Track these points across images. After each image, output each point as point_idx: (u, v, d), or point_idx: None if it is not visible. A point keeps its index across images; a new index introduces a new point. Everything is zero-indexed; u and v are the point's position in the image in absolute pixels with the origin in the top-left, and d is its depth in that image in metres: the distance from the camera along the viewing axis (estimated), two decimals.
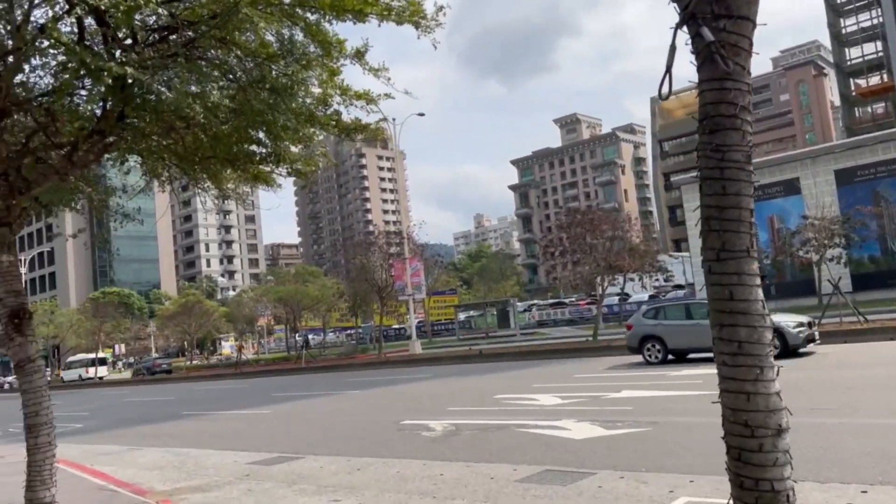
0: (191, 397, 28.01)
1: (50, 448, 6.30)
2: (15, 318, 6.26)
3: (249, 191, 9.92)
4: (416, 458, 9.89)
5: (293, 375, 35.67)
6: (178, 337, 70.03)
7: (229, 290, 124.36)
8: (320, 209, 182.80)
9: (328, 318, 63.71)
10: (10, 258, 6.39)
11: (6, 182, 6.19)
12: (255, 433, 14.78)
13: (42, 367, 6.42)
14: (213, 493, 8.95)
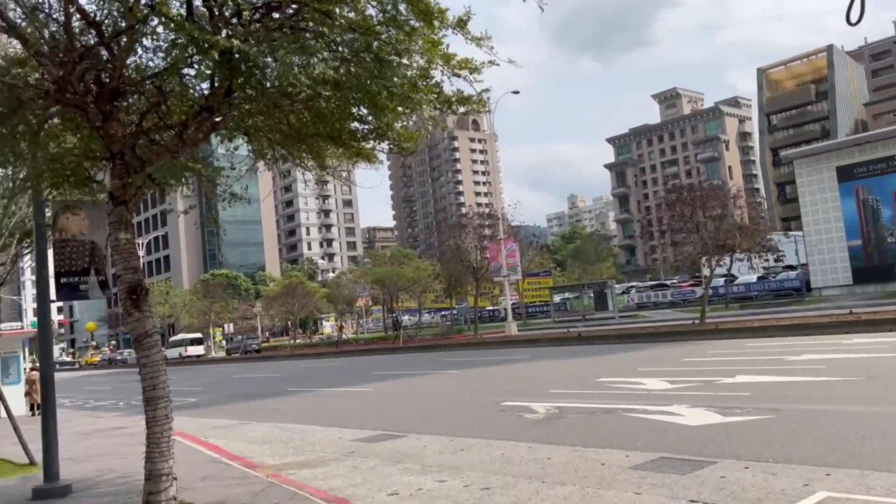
0: (295, 374, 28.95)
1: (167, 421, 6.46)
2: (132, 293, 6.43)
3: (351, 169, 9.86)
4: (520, 440, 9.64)
5: (391, 355, 36.24)
6: (282, 317, 72.79)
7: (329, 272, 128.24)
8: (414, 193, 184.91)
9: (423, 299, 64.44)
10: (128, 236, 6.56)
11: (122, 161, 6.33)
12: (357, 410, 14.98)
13: (158, 342, 6.59)
14: (319, 468, 9.05)
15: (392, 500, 7.10)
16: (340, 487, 7.80)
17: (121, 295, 6.49)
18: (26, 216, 12.53)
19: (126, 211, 6.51)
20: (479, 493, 7.00)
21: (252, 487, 8.01)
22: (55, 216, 8.96)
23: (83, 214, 9.08)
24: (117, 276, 6.50)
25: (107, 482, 9.29)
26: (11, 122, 6.61)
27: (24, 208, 12.18)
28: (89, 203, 9.23)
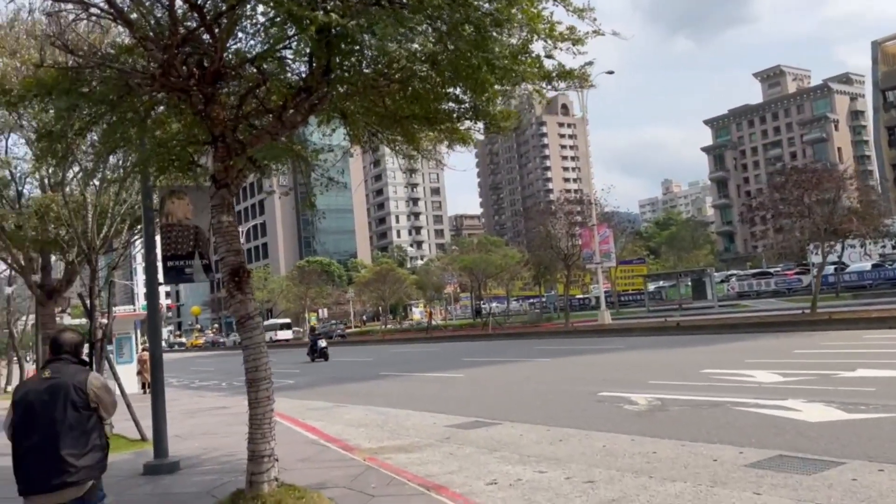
0: (387, 359, 29.34)
1: (269, 402, 6.49)
2: (235, 276, 6.48)
3: (447, 152, 9.66)
4: (621, 432, 9.24)
5: (480, 341, 36.15)
6: (373, 302, 74.32)
7: (417, 259, 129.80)
8: (501, 180, 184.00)
9: (511, 286, 64.02)
10: (230, 219, 6.62)
11: (224, 145, 6.38)
12: (449, 396, 14.90)
13: (260, 323, 6.63)
14: (415, 454, 8.98)
15: (491, 489, 6.90)
16: (437, 474, 7.68)
17: (224, 277, 6.56)
18: (135, 203, 13.10)
19: (228, 194, 6.56)
20: (583, 487, 6.69)
21: (350, 471, 8.01)
22: (162, 201, 9.24)
23: (187, 199, 9.33)
24: (220, 259, 6.57)
25: (211, 460, 9.58)
26: (121, 109, 6.79)
27: (134, 195, 12.73)
28: (193, 188, 9.47)
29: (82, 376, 4.24)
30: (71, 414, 4.08)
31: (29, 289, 17.32)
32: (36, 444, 4.04)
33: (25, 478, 4.06)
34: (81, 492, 4.14)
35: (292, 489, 6.41)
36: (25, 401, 4.14)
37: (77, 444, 4.09)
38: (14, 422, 4.12)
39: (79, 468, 4.08)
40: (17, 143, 15.62)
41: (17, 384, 4.48)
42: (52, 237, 15.02)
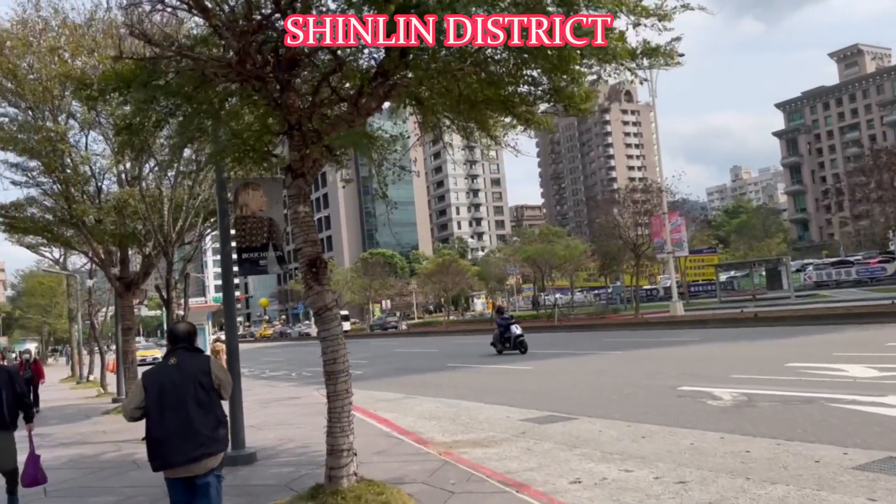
0: (453, 350, 29.24)
1: (347, 396, 6.37)
2: (312, 266, 6.37)
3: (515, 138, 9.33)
4: (707, 429, 8.78)
5: (546, 333, 35.64)
6: (435, 294, 74.50)
7: (478, 250, 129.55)
8: (563, 169, 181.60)
9: (575, 277, 63.09)
10: (306, 209, 6.51)
11: (299, 133, 6.26)
12: (519, 389, 14.61)
13: (338, 314, 6.51)
14: (492, 448, 8.75)
15: (576, 488, 6.61)
16: (517, 471, 7.42)
17: (301, 268, 6.46)
18: (209, 197, 13.30)
19: (304, 184, 6.45)
20: (675, 488, 6.32)
21: (427, 465, 7.84)
22: (236, 194, 9.26)
23: (261, 191, 9.33)
24: (297, 250, 6.47)
25: (287, 451, 9.59)
26: (196, 100, 6.76)
27: (207, 189, 12.92)
28: (267, 179, 9.47)
29: (205, 361, 4.84)
30: (200, 394, 4.63)
31: (108, 281, 17.89)
32: (173, 423, 4.53)
33: (166, 453, 4.54)
34: (216, 462, 4.70)
35: (372, 485, 6.28)
36: (158, 385, 4.64)
37: (207, 420, 4.63)
38: (148, 404, 4.61)
39: (213, 441, 4.63)
40: (96, 140, 16.09)
41: (145, 371, 4.90)
42: (130, 231, 15.44)
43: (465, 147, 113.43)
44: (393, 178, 8.05)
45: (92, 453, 10.46)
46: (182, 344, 4.84)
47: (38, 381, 18.50)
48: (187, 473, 4.59)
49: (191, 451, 4.53)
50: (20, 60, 14.16)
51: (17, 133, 14.63)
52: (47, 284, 45.44)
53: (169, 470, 4.62)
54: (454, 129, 8.89)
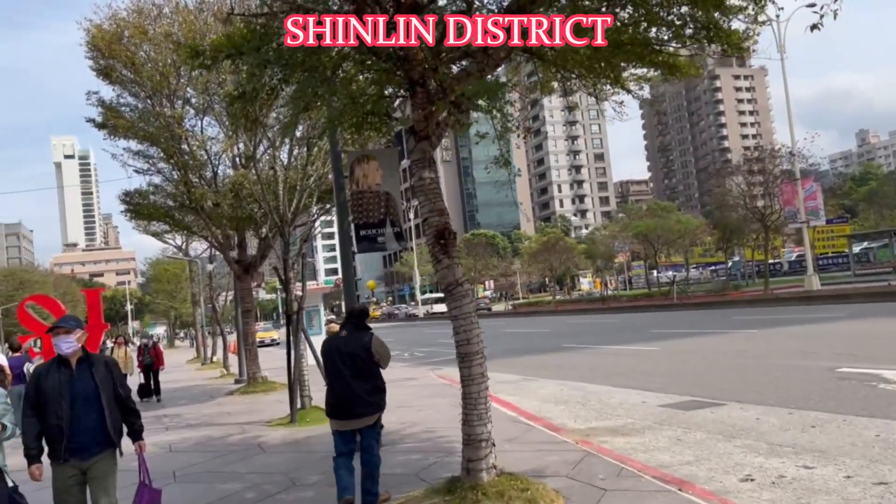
0: (565, 330, 28.25)
1: (483, 380, 5.74)
2: (440, 238, 5.76)
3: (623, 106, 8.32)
4: (889, 417, 7.55)
5: (664, 312, 33.89)
6: (540, 273, 73.23)
7: (582, 228, 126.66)
8: (670, 141, 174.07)
9: (690, 253, 60.01)
10: (432, 175, 5.90)
11: (423, 90, 5.63)
12: (648, 371, 13.57)
13: (470, 290, 5.88)
14: (634, 438, 7.91)
15: (749, 488, 5.69)
16: (671, 465, 6.57)
17: (428, 240, 5.86)
18: (322, 175, 13.05)
19: (429, 146, 5.83)
20: (876, 491, 5.29)
21: (566, 456, 7.12)
22: (351, 168, 8.81)
23: (377, 163, 8.84)
24: (423, 220, 5.87)
25: (411, 436, 9.14)
26: (310, 63, 6.27)
27: (321, 167, 12.66)
28: (383, 151, 8.97)
29: (367, 335, 5.82)
30: (359, 363, 5.66)
31: (227, 264, 18.26)
32: (340, 383, 5.65)
33: (333, 408, 5.75)
34: (372, 420, 5.74)
35: (514, 479, 5.63)
36: (330, 352, 5.81)
37: (366, 384, 5.67)
38: (325, 368, 5.86)
39: (370, 402, 5.69)
40: (211, 124, 16.29)
41: (325, 340, 6.14)
42: (247, 214, 15.54)
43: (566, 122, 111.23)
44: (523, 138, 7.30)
45: (218, 435, 10.47)
46: (353, 320, 5.94)
47: (159, 366, 17.19)
48: (349, 427, 5.68)
49: (352, 408, 5.62)
50: (137, 49, 14.43)
51: (138, 121, 14.98)
52: (172, 271, 47.98)
53: (334, 422, 5.76)
54: (579, 84, 8.02)
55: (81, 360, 4.55)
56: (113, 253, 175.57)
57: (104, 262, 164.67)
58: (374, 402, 5.70)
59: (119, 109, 15.40)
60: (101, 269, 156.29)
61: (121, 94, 15.73)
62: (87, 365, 4.54)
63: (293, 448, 8.92)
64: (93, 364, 4.57)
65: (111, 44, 14.21)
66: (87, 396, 4.44)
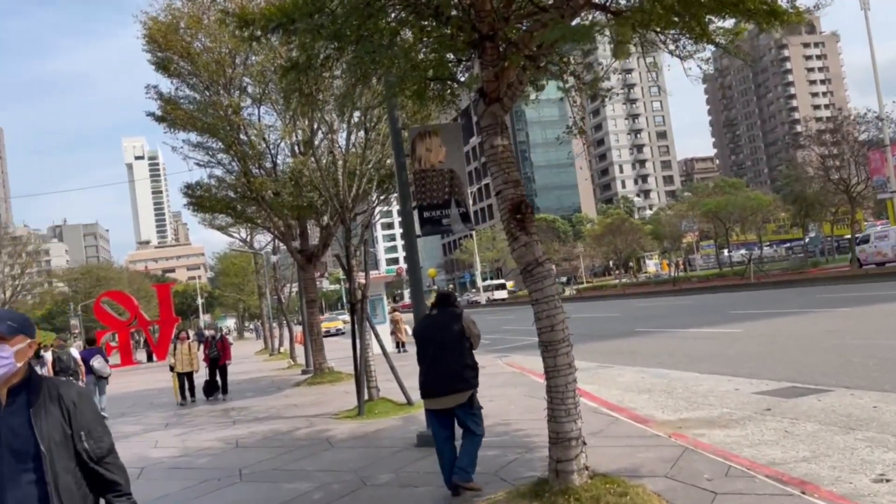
0: (636, 314, 27.20)
1: (570, 370, 5.12)
2: (516, 212, 5.15)
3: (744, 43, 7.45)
4: None
5: (740, 292, 32.31)
6: (604, 256, 71.62)
7: (646, 209, 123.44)
8: (736, 115, 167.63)
9: (763, 230, 57.47)
10: (504, 142, 5.28)
11: (493, 45, 5.00)
12: (733, 355, 12.62)
13: (552, 271, 5.24)
14: (734, 430, 7.12)
15: (885, 490, 4.89)
16: (784, 462, 5.79)
17: (503, 215, 5.26)
18: (381, 158, 12.58)
19: (500, 110, 5.21)
20: None
21: (661, 452, 6.42)
22: (413, 144, 8.28)
23: (440, 139, 8.28)
24: (496, 193, 5.27)
25: (486, 430, 8.56)
26: (367, 28, 5.72)
27: (380, 150, 12.19)
28: (446, 125, 8.39)
29: (460, 314, 5.82)
30: (454, 341, 5.65)
31: (290, 255, 18.09)
32: (433, 361, 5.65)
33: (427, 385, 5.70)
34: (465, 398, 5.62)
35: (608, 481, 5.00)
36: (424, 331, 5.90)
37: (458, 362, 5.61)
38: (417, 345, 5.89)
39: (463, 379, 5.61)
40: (268, 112, 16.06)
41: (418, 321, 6.27)
42: (307, 203, 15.26)
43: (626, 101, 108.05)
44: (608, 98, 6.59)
45: (285, 429, 10.16)
46: (443, 302, 5.94)
47: (225, 361, 16.01)
48: (441, 405, 5.62)
49: (445, 385, 5.59)
50: (193, 38, 14.26)
51: (196, 112, 14.85)
52: (238, 264, 48.79)
53: (428, 400, 5.72)
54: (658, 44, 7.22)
55: (16, 391, 2.47)
56: (183, 249, 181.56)
57: (175, 258, 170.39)
58: (467, 378, 5.61)
59: (177, 101, 15.32)
60: (173, 264, 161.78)
61: (179, 87, 15.67)
62: (26, 399, 2.45)
63: (362, 443, 8.50)
64: (37, 398, 2.46)
65: (167, 34, 14.09)
66: (18, 454, 2.38)
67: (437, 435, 5.75)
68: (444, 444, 5.73)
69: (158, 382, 21.26)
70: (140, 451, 9.61)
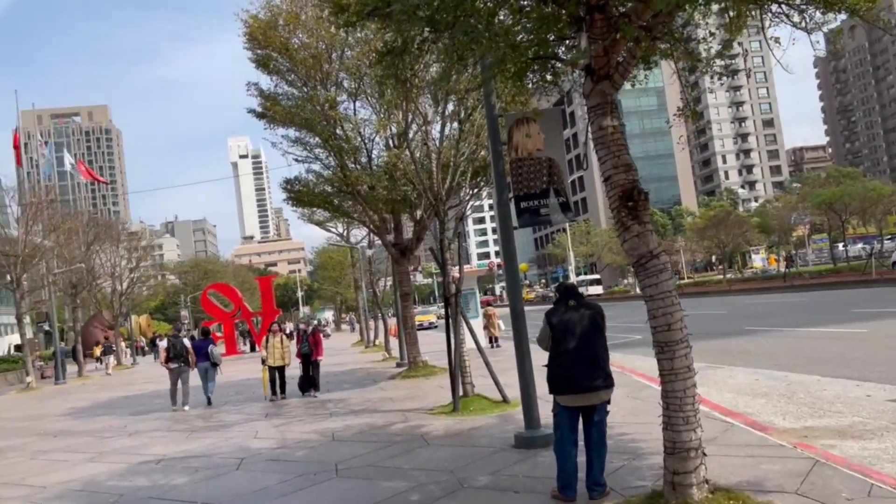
0: (746, 311, 25.70)
1: (689, 374, 4.65)
2: (627, 199, 4.72)
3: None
4: None
5: (861, 288, 29.95)
6: (705, 251, 68.58)
7: (751, 201, 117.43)
8: (851, 101, 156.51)
9: (884, 222, 53.26)
10: (614, 123, 4.86)
11: (602, 16, 4.58)
12: (861, 357, 11.53)
13: (668, 264, 4.78)
14: (872, 442, 6.38)
15: None
16: None
17: (612, 203, 4.84)
18: (475, 150, 12.30)
19: (610, 88, 4.79)
20: None
21: (788, 464, 5.79)
22: (510, 133, 7.94)
23: (538, 127, 7.89)
24: (605, 179, 4.85)
25: None
26: (463, 9, 5.43)
27: (473, 140, 11.91)
28: (545, 112, 8.00)
29: (597, 306, 5.47)
30: (596, 333, 5.29)
31: (385, 248, 18.15)
32: (579, 354, 5.21)
33: (570, 379, 5.21)
34: (609, 395, 5.30)
35: (732, 496, 4.52)
36: (563, 322, 5.34)
37: (603, 357, 5.27)
38: (556, 337, 5.32)
39: (608, 375, 5.26)
40: (364, 107, 16.11)
41: (549, 310, 5.52)
42: (402, 196, 15.21)
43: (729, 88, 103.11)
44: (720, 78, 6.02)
45: (381, 423, 10.08)
46: (572, 292, 5.55)
47: (317, 356, 14.72)
48: (585, 402, 5.22)
49: (592, 381, 5.16)
50: (291, 35, 14.48)
51: (294, 108, 15.08)
52: (336, 258, 50.03)
53: (570, 396, 5.24)
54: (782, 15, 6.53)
55: None
56: (284, 244, 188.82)
57: (277, 253, 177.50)
58: (610, 374, 5.28)
59: (276, 97, 15.61)
60: (275, 258, 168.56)
61: (278, 84, 15.97)
62: None
63: (458, 441, 8.25)
64: None
65: (266, 31, 14.35)
66: None
67: (566, 438, 5.31)
68: (572, 447, 5.31)
69: (259, 373, 21.91)
70: (241, 442, 9.78)
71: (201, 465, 8.33)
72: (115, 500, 6.89)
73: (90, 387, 24.62)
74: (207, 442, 10.04)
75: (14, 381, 29.44)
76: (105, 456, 9.70)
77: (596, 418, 5.29)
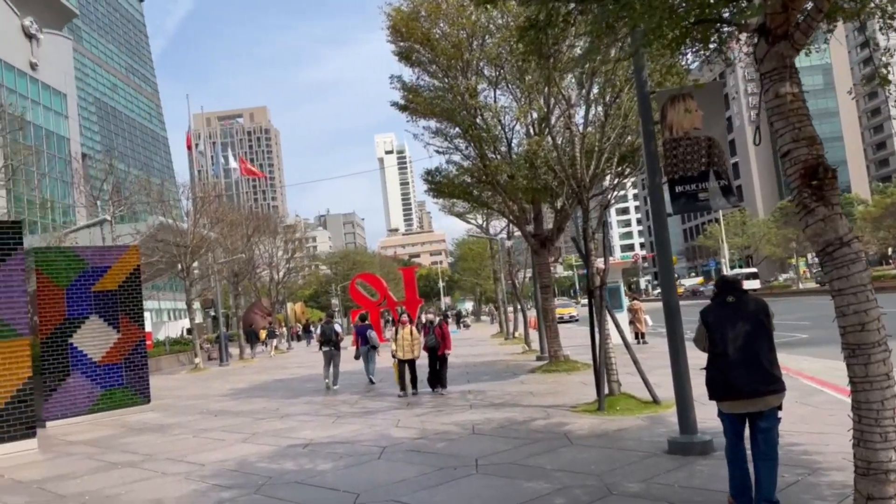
0: None
1: (887, 383, 3.92)
2: (812, 177, 4.06)
3: None
4: None
5: None
6: (880, 242, 61.92)
7: None
8: None
9: None
10: (794, 90, 4.20)
11: None
12: None
13: (861, 254, 4.06)
14: None
15: None
16: None
17: (793, 182, 4.18)
18: (622, 133, 11.63)
19: (790, 49, 4.13)
20: None
21: None
22: (663, 112, 7.30)
23: (695, 103, 7.19)
24: (783, 154, 4.20)
25: None
26: None
27: (621, 122, 11.24)
28: (703, 86, 7.28)
29: (763, 302, 4.90)
30: (760, 332, 4.75)
31: (524, 239, 17.79)
32: (739, 355, 4.72)
33: (728, 383, 4.74)
34: (779, 401, 4.78)
35: None
36: (720, 320, 4.87)
37: (770, 357, 4.73)
38: (714, 337, 4.85)
39: (777, 378, 4.72)
40: (504, 94, 15.82)
41: (705, 307, 5.08)
42: (542, 185, 14.79)
43: None
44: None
45: (521, 419, 9.76)
46: (732, 287, 5.02)
47: (444, 350, 13.78)
48: (748, 409, 4.73)
49: (757, 385, 4.66)
50: (433, 25, 14.48)
51: (435, 99, 15.09)
52: (476, 250, 50.30)
53: (730, 402, 4.78)
54: None
55: None
56: (427, 236, 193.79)
57: (420, 245, 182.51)
58: (779, 376, 4.73)
59: (418, 89, 15.71)
60: (418, 250, 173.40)
61: (420, 76, 16.07)
62: None
63: (604, 442, 7.76)
64: None
65: (409, 23, 14.45)
66: None
67: (735, 447, 4.86)
68: (741, 455, 4.86)
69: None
70: (383, 430, 9.86)
71: (345, 451, 8.45)
72: (263, 483, 7.10)
73: (249, 369, 26.36)
74: (352, 428, 10.23)
75: (185, 361, 32.24)
76: (258, 437, 10.15)
77: (762, 425, 4.73)
